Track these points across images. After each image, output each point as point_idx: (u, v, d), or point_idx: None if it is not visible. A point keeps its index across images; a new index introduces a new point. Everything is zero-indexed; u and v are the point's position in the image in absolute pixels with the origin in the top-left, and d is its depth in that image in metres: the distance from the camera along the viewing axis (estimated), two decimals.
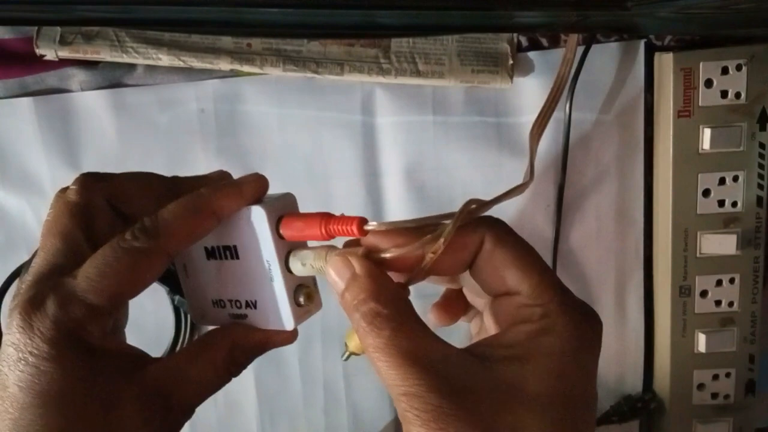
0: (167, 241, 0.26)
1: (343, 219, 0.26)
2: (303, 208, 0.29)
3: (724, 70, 0.42)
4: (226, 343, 0.29)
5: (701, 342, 0.45)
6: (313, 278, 0.29)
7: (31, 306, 0.25)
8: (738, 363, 0.46)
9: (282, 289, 0.28)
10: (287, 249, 0.28)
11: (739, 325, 0.45)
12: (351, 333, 0.27)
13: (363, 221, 0.25)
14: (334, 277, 0.25)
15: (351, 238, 0.26)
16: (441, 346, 0.24)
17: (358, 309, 0.24)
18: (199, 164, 0.45)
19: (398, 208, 0.46)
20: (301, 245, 0.28)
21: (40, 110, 0.44)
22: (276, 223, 0.27)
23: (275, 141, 0.45)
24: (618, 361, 0.49)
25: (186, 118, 0.45)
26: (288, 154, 0.45)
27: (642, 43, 0.44)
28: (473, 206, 0.25)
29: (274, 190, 0.29)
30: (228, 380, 0.29)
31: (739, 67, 0.42)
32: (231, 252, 0.29)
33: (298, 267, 0.28)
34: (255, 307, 0.29)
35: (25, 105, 0.44)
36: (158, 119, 0.45)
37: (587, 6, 0.35)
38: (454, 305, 0.31)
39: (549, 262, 0.47)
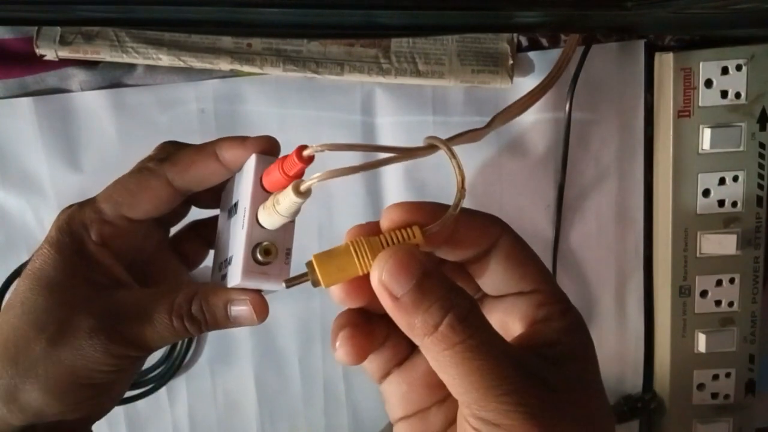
0: (170, 167, 0.29)
1: (286, 156, 0.25)
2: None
3: (724, 70, 0.42)
4: (188, 293, 0.29)
5: (701, 342, 0.45)
6: (287, 246, 0.27)
7: (67, 207, 0.30)
8: (738, 363, 0.46)
9: (243, 239, 0.26)
10: (264, 199, 0.26)
11: (739, 325, 0.45)
12: (330, 256, 0.22)
13: (302, 148, 0.24)
14: (395, 274, 0.21)
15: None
16: (515, 345, 0.23)
17: (445, 307, 0.21)
18: None
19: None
20: None
21: (40, 110, 0.44)
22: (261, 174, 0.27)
23: None
24: (618, 361, 0.49)
25: (186, 118, 0.45)
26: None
27: (642, 43, 0.44)
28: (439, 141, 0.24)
29: None
30: (184, 333, 0.29)
31: (739, 67, 0.42)
32: (236, 207, 0.29)
33: (263, 213, 0.26)
34: (230, 264, 0.28)
35: (25, 105, 0.44)
36: (158, 119, 0.45)
37: (587, 6, 0.35)
38: (369, 331, 0.25)
39: (549, 262, 0.47)
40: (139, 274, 0.31)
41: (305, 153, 0.24)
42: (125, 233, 0.30)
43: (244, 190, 0.28)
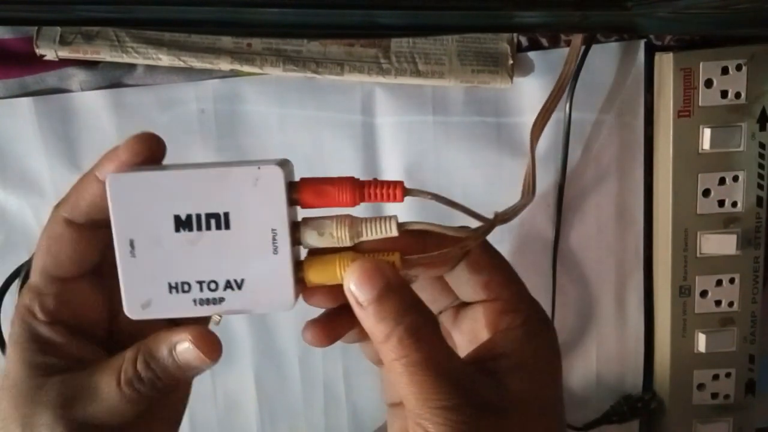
0: (63, 207, 0.27)
1: (382, 183, 0.25)
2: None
3: (724, 70, 0.42)
4: (133, 351, 0.26)
5: (701, 342, 0.45)
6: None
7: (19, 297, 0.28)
8: (738, 363, 0.46)
9: (287, 263, 0.25)
10: (296, 217, 0.25)
11: (739, 325, 0.45)
12: (321, 261, 0.25)
13: (402, 188, 0.25)
14: (360, 284, 0.24)
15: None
16: (462, 362, 0.25)
17: (397, 321, 0.23)
18: None
19: (398, 208, 0.46)
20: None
21: (40, 110, 0.44)
22: (288, 187, 0.25)
23: (275, 141, 0.45)
24: (618, 361, 0.49)
25: (186, 118, 0.45)
26: (288, 154, 0.45)
27: (642, 43, 0.44)
28: (501, 217, 0.27)
29: None
30: (140, 399, 0.26)
31: (739, 67, 0.42)
32: (218, 221, 0.25)
33: (313, 237, 0.25)
34: (239, 288, 0.26)
35: (25, 105, 0.44)
36: (158, 119, 0.45)
37: (587, 6, 0.35)
38: (336, 325, 0.28)
39: (549, 262, 0.47)
40: (107, 330, 0.29)
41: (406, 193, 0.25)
42: (68, 298, 0.27)
43: (264, 208, 0.25)
